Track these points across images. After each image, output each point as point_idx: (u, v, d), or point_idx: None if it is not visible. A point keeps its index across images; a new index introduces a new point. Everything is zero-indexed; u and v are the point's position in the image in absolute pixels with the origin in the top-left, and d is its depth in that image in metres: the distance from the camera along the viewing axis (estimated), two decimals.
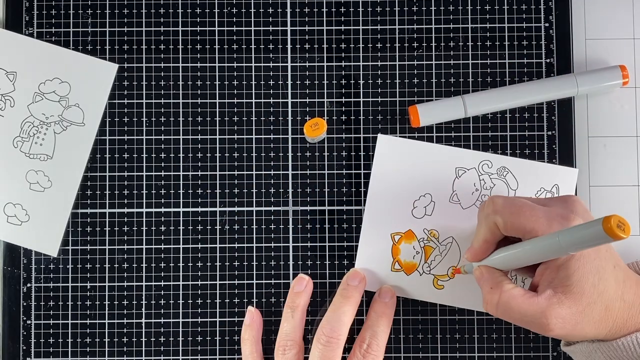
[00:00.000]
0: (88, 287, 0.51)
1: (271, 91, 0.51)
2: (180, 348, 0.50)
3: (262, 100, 0.51)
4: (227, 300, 0.50)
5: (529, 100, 0.50)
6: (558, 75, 0.51)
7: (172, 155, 0.51)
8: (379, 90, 0.51)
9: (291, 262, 0.51)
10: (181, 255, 0.51)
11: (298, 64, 0.52)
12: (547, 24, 0.52)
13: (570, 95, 0.50)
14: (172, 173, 0.51)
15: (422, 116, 0.50)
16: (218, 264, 0.51)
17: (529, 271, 0.44)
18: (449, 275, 0.50)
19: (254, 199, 0.51)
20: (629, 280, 0.42)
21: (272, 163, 0.51)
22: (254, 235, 0.51)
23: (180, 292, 0.51)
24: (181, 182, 0.51)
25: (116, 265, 0.51)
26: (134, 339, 0.50)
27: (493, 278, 0.43)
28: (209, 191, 0.51)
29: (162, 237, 0.51)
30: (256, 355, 0.49)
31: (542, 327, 0.41)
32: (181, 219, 0.51)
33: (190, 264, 0.51)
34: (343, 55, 0.52)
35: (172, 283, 0.51)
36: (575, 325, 0.40)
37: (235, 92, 0.51)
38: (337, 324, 0.47)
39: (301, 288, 0.49)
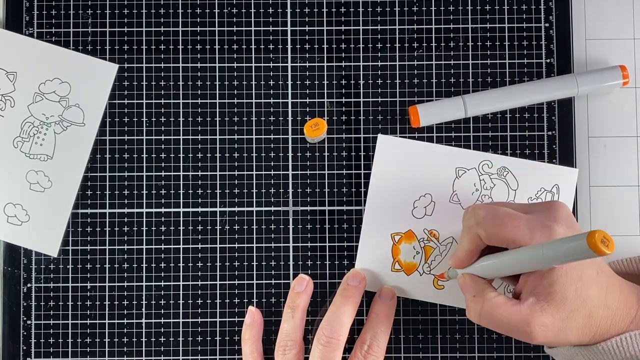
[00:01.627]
0: (88, 287, 0.51)
1: (271, 91, 0.51)
2: (181, 348, 0.50)
3: (262, 100, 0.51)
4: (227, 300, 0.50)
5: (529, 101, 0.50)
6: (558, 76, 0.51)
7: (172, 155, 0.51)
8: (379, 90, 0.51)
9: (291, 262, 0.51)
10: (181, 255, 0.51)
11: (298, 64, 0.52)
12: (547, 24, 0.52)
13: (571, 95, 0.50)
14: (172, 173, 0.51)
15: (422, 116, 0.50)
16: (218, 264, 0.51)
17: (512, 279, 0.44)
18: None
19: (254, 199, 0.51)
20: (612, 286, 0.41)
21: (272, 163, 0.51)
22: (254, 235, 0.51)
23: (180, 292, 0.51)
24: (181, 182, 0.51)
25: (116, 265, 0.51)
26: (134, 339, 0.50)
27: (476, 286, 0.43)
28: (209, 191, 0.51)
29: (162, 237, 0.51)
30: (256, 355, 0.49)
31: (526, 335, 0.40)
32: (181, 219, 0.51)
33: (190, 264, 0.51)
34: (343, 55, 0.52)
35: (172, 283, 0.51)
36: (558, 333, 0.40)
37: (235, 92, 0.51)
38: (337, 324, 0.47)
39: (301, 288, 0.49)
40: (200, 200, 0.51)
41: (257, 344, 0.50)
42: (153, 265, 0.51)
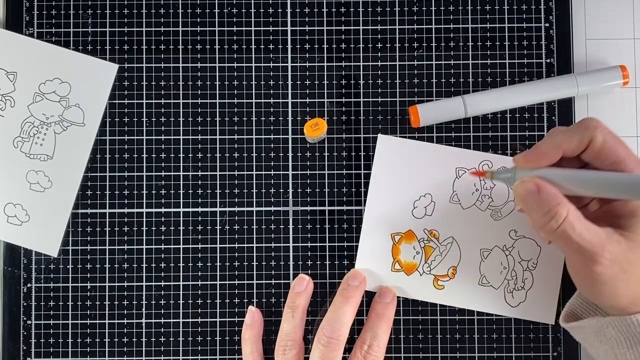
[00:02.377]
0: (88, 287, 0.51)
1: (271, 91, 0.51)
2: (181, 348, 0.50)
3: (262, 100, 0.51)
4: (227, 300, 0.50)
5: (529, 101, 0.50)
6: (558, 76, 0.51)
7: (172, 155, 0.51)
8: (379, 90, 0.51)
9: (291, 262, 0.51)
10: (181, 255, 0.51)
11: (298, 64, 0.52)
12: (547, 24, 0.52)
13: (571, 95, 0.50)
14: (172, 173, 0.51)
15: (422, 116, 0.50)
16: (218, 264, 0.51)
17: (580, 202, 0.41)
18: (449, 275, 0.50)
19: (254, 199, 0.51)
20: None
21: (272, 163, 0.51)
22: (254, 235, 0.51)
23: (180, 292, 0.51)
24: (181, 182, 0.51)
25: (116, 265, 0.51)
26: (134, 339, 0.50)
27: (554, 198, 0.38)
28: (209, 191, 0.51)
29: (162, 237, 0.51)
30: (256, 355, 0.49)
31: (591, 259, 0.38)
32: (181, 219, 0.51)
33: (190, 264, 0.51)
34: (343, 55, 0.52)
35: (172, 283, 0.51)
36: (618, 273, 0.38)
37: (235, 92, 0.51)
38: (337, 324, 0.47)
39: (301, 288, 0.49)
40: (200, 200, 0.51)
41: (257, 344, 0.50)
42: (153, 265, 0.51)
